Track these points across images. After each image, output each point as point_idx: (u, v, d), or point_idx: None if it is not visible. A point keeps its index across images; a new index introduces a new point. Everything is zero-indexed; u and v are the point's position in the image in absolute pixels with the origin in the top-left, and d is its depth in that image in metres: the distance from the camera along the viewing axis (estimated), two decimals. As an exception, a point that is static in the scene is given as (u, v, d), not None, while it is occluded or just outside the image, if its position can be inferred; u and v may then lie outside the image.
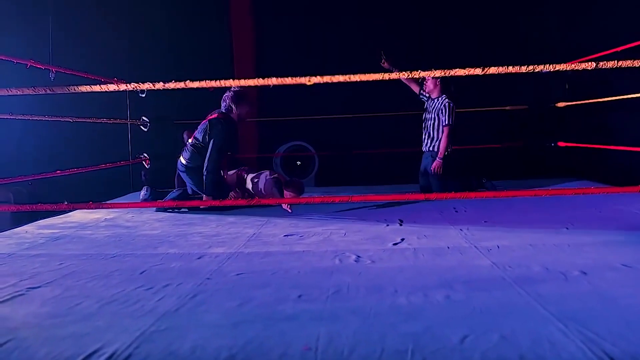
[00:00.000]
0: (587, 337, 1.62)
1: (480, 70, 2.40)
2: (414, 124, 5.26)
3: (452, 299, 2.01)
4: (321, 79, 2.41)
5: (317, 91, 4.05)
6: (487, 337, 1.63)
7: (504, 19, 6.31)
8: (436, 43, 6.29)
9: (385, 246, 2.96)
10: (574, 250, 2.71)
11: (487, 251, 2.75)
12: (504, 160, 6.10)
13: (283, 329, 1.76)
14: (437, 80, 4.96)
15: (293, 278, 2.38)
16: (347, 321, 1.82)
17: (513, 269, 2.39)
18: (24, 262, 2.78)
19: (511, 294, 2.06)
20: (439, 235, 3.22)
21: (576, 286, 2.14)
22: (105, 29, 6.27)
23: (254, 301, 2.06)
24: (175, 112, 6.03)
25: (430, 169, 4.94)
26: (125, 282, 2.37)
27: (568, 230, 3.23)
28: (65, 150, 5.89)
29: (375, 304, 1.98)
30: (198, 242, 3.22)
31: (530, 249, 2.78)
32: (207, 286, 2.28)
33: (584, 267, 2.37)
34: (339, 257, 2.72)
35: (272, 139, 6.67)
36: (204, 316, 1.92)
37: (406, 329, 1.72)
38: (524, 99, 6.04)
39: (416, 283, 2.22)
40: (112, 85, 2.77)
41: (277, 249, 2.98)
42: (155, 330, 1.78)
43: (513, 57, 3.25)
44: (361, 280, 2.30)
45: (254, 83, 2.54)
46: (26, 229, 3.76)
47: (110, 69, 5.42)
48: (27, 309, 2.04)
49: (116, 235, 3.51)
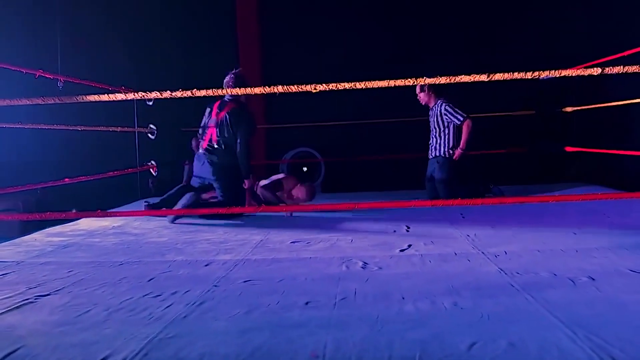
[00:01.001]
0: (596, 343, 1.61)
1: (485, 76, 2.40)
2: (420, 130, 5.27)
3: (460, 305, 2.01)
4: (326, 87, 2.42)
5: (324, 98, 4.06)
6: (495, 344, 1.62)
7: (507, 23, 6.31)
8: (440, 49, 6.29)
9: (392, 252, 2.96)
10: (581, 256, 2.70)
11: (495, 257, 2.74)
12: (511, 165, 6.09)
13: (290, 336, 1.76)
14: (428, 92, 4.99)
15: (300, 285, 2.38)
16: (354, 328, 1.82)
17: (521, 275, 2.38)
18: (33, 270, 2.80)
19: (519, 300, 2.05)
20: (445, 241, 3.22)
21: (584, 292, 2.13)
22: (112, 37, 6.33)
23: (262, 308, 2.06)
24: (182, 119, 6.07)
25: (452, 159, 4.93)
26: (133, 289, 2.38)
27: (576, 235, 3.22)
28: (74, 159, 5.93)
29: (382, 311, 1.98)
30: (205, 249, 3.23)
31: (538, 255, 2.77)
32: (214, 293, 2.29)
33: (592, 272, 2.37)
34: (345, 264, 2.72)
35: (278, 146, 6.69)
36: (212, 323, 1.93)
37: (414, 336, 1.72)
38: (531, 104, 6.03)
39: (423, 290, 2.22)
40: (120, 94, 2.79)
41: (284, 256, 2.99)
42: (164, 338, 1.79)
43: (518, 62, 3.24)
44: (368, 287, 2.30)
45: (260, 91, 2.56)
46: (35, 237, 3.79)
47: (117, 77, 5.46)
48: (36, 317, 2.05)
49: (124, 242, 3.53)
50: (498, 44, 6.19)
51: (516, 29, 6.26)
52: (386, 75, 2.63)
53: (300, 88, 2.43)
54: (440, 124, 5.01)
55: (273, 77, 6.43)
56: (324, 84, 2.42)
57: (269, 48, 6.71)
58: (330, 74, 2.74)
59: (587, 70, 2.62)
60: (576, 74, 2.83)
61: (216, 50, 6.59)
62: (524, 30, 6.25)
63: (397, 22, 6.49)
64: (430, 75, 2.54)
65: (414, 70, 2.77)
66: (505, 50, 6.02)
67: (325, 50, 6.44)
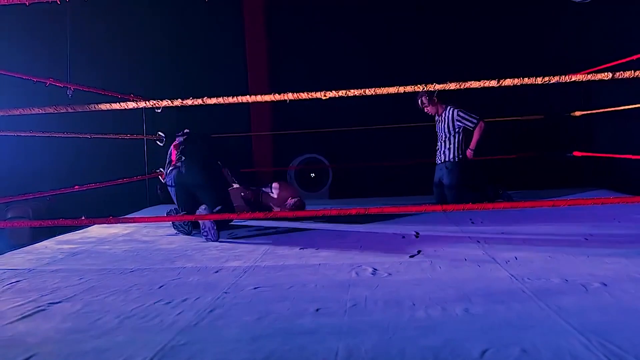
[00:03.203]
0: (610, 350, 1.60)
1: (495, 82, 2.40)
2: (427, 136, 5.27)
3: (471, 312, 2.00)
4: (336, 94, 2.43)
5: (331, 104, 4.06)
6: (507, 351, 1.62)
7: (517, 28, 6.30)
8: (446, 56, 6.29)
9: (401, 258, 2.95)
10: (593, 262, 2.68)
11: (505, 263, 2.73)
12: (521, 170, 6.06)
13: (302, 343, 1.76)
14: (434, 101, 5.01)
15: (310, 292, 2.38)
16: (365, 335, 1.81)
17: (532, 281, 2.37)
18: (44, 278, 2.81)
19: (531, 306, 2.04)
20: (455, 247, 3.20)
21: (597, 298, 2.12)
22: (121, 45, 6.38)
23: (272, 315, 2.06)
24: (191, 126, 6.09)
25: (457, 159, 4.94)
26: (144, 296, 2.39)
27: (587, 240, 3.20)
28: (83, 166, 5.97)
29: (393, 318, 1.98)
30: (215, 256, 3.23)
31: (550, 261, 2.75)
32: (225, 300, 2.29)
33: (604, 278, 2.35)
34: (355, 270, 2.72)
35: (286, 152, 6.71)
36: (223, 330, 1.93)
37: (425, 343, 1.71)
38: (540, 109, 6.01)
39: (434, 296, 2.21)
40: (131, 102, 2.81)
41: (293, 262, 2.99)
42: (175, 345, 1.79)
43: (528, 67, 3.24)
44: (378, 293, 2.30)
45: (270, 98, 2.57)
46: (45, 245, 3.81)
47: (126, 85, 5.49)
48: (48, 324, 2.06)
49: (134, 250, 3.54)
50: (504, 49, 6.18)
51: (522, 34, 6.25)
52: (392, 83, 2.64)
53: (311, 95, 2.44)
54: (450, 129, 5.01)
55: (281, 82, 6.48)
56: (334, 91, 2.43)
57: (277, 54, 6.74)
58: (337, 82, 2.74)
59: (597, 75, 2.61)
60: (586, 78, 2.82)
61: (224, 57, 6.63)
62: (531, 35, 6.23)
63: (401, 31, 6.50)
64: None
65: (420, 77, 2.76)
66: (511, 55, 6.01)
67: (331, 58, 6.45)
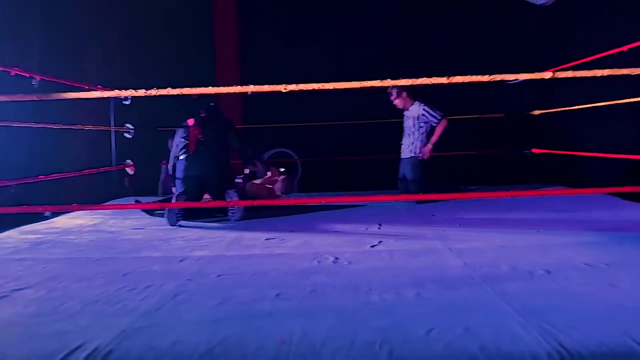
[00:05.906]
0: (545, 329, 1.72)
1: (445, 79, 2.51)
2: (394, 132, 5.37)
3: (422, 296, 2.11)
4: (296, 87, 2.51)
5: (301, 99, 4.15)
6: (451, 331, 1.73)
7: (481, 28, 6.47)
8: (417, 52, 6.42)
9: (363, 248, 3.05)
10: (542, 251, 2.83)
11: (460, 252, 2.86)
12: (482, 167, 6.24)
13: (260, 325, 1.85)
14: (404, 96, 5.12)
15: (272, 279, 2.46)
16: (322, 317, 1.91)
17: (483, 269, 2.50)
18: (7, 266, 2.82)
19: (478, 291, 2.16)
20: (415, 237, 3.33)
21: (540, 284, 2.25)
22: (91, 37, 6.32)
23: (234, 300, 2.14)
24: (159, 119, 6.07)
25: (421, 155, 5.07)
26: (108, 283, 2.43)
27: (538, 232, 3.36)
28: (50, 157, 5.90)
29: (349, 302, 2.08)
30: (181, 246, 3.28)
31: (501, 250, 2.89)
32: (188, 287, 2.35)
33: (550, 266, 2.49)
34: (317, 259, 2.81)
35: (256, 146, 6.74)
36: (185, 314, 2.00)
37: (377, 324, 1.81)
38: (501, 107, 6.19)
39: (390, 282, 2.32)
40: (96, 92, 2.83)
41: (258, 252, 3.06)
42: (137, 328, 1.85)
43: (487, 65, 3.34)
44: (338, 280, 2.39)
45: (233, 90, 2.64)
46: (9, 235, 3.79)
47: (95, 77, 5.46)
48: (12, 309, 2.10)
49: (99, 240, 3.56)
50: (474, 48, 6.34)
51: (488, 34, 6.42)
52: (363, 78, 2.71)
53: (272, 88, 2.51)
54: (415, 124, 5.13)
55: (251, 77, 6.50)
56: (294, 85, 2.51)
57: (247, 49, 6.77)
58: (309, 76, 2.80)
59: (559, 74, 2.72)
60: (549, 77, 2.91)
61: (193, 50, 6.63)
62: (496, 35, 6.41)
63: (374, 26, 6.61)
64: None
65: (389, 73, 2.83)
66: (478, 54, 6.17)
67: (303, 52, 6.51)
